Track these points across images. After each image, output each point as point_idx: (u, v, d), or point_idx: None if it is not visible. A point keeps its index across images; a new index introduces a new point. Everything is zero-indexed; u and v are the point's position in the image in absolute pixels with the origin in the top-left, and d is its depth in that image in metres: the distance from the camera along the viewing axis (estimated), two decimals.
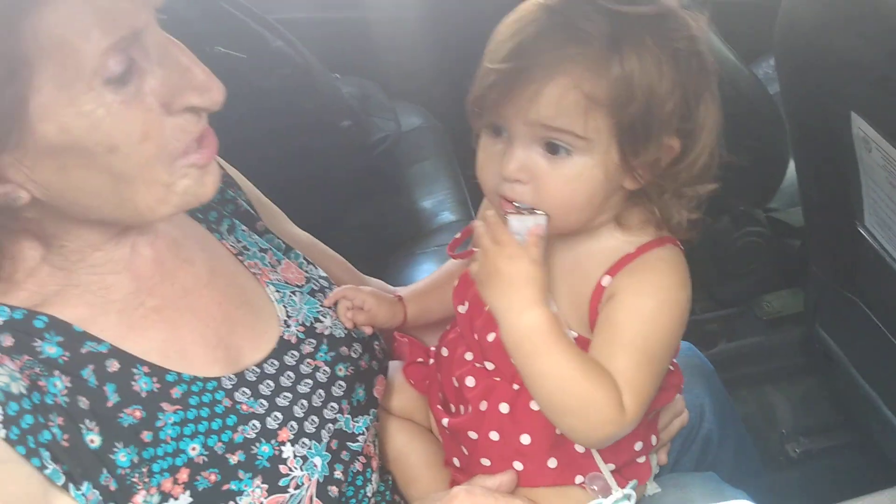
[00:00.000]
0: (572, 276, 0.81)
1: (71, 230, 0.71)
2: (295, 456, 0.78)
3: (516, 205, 0.76)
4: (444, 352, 0.92)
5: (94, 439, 0.69)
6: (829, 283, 1.52)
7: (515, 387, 0.84)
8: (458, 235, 0.95)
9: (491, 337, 0.85)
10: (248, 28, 1.60)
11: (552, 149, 0.74)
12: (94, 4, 0.61)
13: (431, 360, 0.96)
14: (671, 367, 0.88)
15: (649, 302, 0.77)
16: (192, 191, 0.71)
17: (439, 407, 0.92)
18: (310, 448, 0.80)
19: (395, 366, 0.99)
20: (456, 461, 0.91)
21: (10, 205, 0.65)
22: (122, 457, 0.70)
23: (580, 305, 0.80)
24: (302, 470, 0.77)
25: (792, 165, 1.53)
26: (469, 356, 0.89)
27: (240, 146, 1.01)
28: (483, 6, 1.71)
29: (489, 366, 0.86)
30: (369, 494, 0.86)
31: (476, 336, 0.87)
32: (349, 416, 0.85)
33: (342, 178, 1.60)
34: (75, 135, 0.63)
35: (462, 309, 0.90)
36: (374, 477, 0.88)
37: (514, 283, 0.74)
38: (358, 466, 0.84)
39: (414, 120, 1.93)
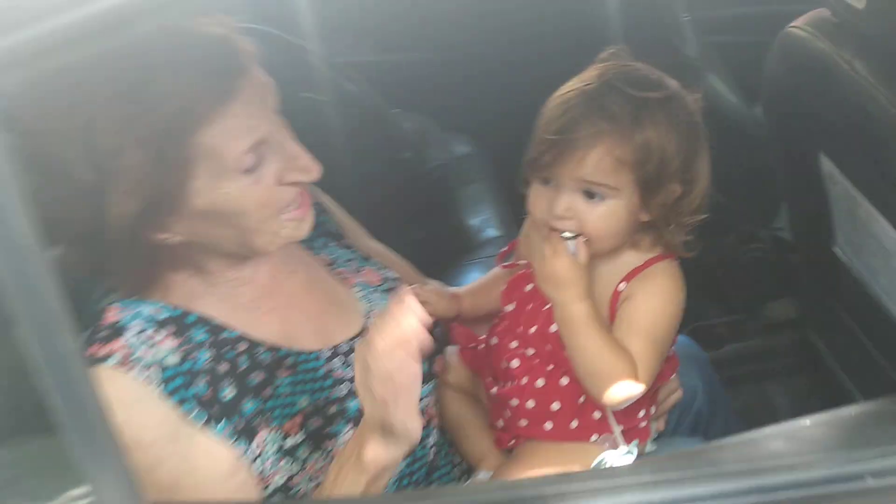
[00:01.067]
0: (597, 285, 1.08)
1: (210, 259, 1.01)
2: None
3: (563, 235, 1.05)
4: (494, 340, 1.19)
5: (229, 393, 0.98)
6: (816, 293, 1.77)
7: (550, 367, 1.11)
8: (504, 249, 1.25)
9: (532, 330, 1.12)
10: (326, 74, 1.91)
11: (590, 195, 1.03)
12: (237, 122, 0.90)
13: (482, 346, 1.24)
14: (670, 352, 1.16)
15: (656, 301, 1.06)
16: (292, 235, 1.01)
17: (490, 380, 1.21)
18: None
19: (452, 350, 1.25)
20: (500, 423, 1.18)
21: (167, 243, 0.95)
22: (249, 405, 0.98)
23: (602, 306, 1.07)
24: None
25: None
26: (514, 344, 1.15)
27: (324, 177, 1.32)
28: (520, 56, 1.99)
29: (530, 351, 1.13)
30: (430, 444, 1.14)
31: (521, 329, 1.14)
32: None
33: (404, 200, 1.90)
34: (218, 205, 0.93)
35: (509, 308, 1.17)
36: (435, 432, 1.15)
37: (569, 282, 1.03)
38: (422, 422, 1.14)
39: (463, 148, 2.20)
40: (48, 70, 0.61)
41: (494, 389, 1.17)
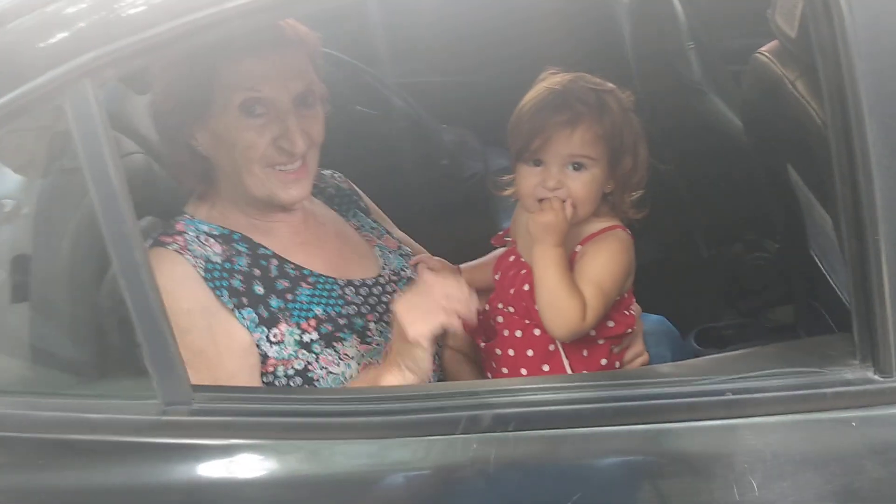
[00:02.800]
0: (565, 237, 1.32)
1: (238, 193, 1.33)
2: (376, 329, 1.33)
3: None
4: (487, 307, 1.46)
5: (259, 290, 1.28)
6: (806, 297, 1.94)
7: (526, 321, 1.35)
8: (500, 233, 1.51)
9: (511, 291, 1.38)
10: (378, 91, 2.21)
11: (576, 167, 1.29)
12: (253, 73, 1.24)
13: (479, 314, 1.50)
14: (627, 313, 1.39)
15: (604, 257, 1.31)
16: (276, 191, 1.30)
17: (481, 339, 1.46)
18: (386, 328, 1.34)
19: None
20: (489, 375, 1.44)
21: (198, 150, 1.30)
22: (274, 302, 1.28)
23: None
24: (380, 337, 1.33)
25: None
26: (500, 305, 1.41)
27: (367, 175, 1.62)
28: None
29: (510, 309, 1.38)
30: None
31: (504, 292, 1.41)
32: None
33: (440, 201, 2.17)
34: (222, 131, 1.26)
35: (497, 276, 1.44)
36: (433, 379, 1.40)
37: (552, 229, 1.27)
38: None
39: (503, 161, 2.48)
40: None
41: (483, 344, 1.43)
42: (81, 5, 0.92)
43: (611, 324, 1.34)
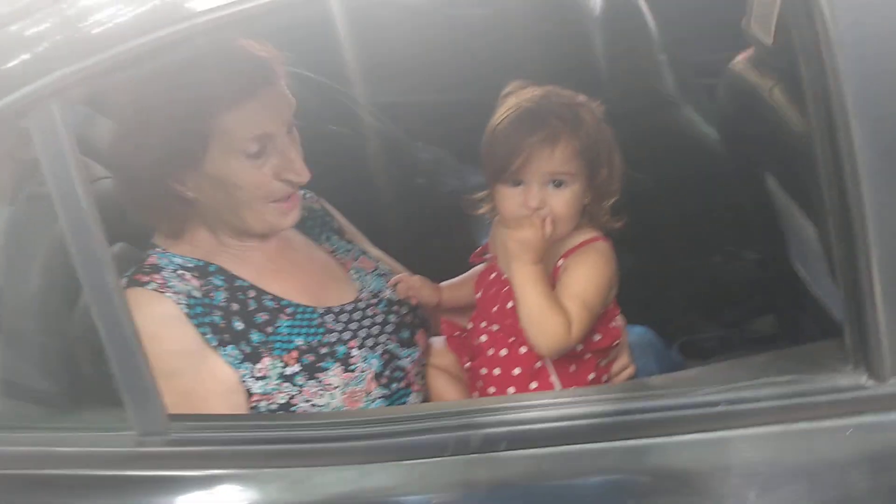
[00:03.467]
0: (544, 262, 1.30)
1: (221, 226, 1.30)
2: (360, 356, 1.30)
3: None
4: (470, 325, 1.44)
5: (239, 325, 1.24)
6: (787, 307, 1.95)
7: (511, 339, 1.33)
8: (478, 250, 1.49)
9: (495, 308, 1.35)
10: (351, 110, 2.19)
11: (556, 184, 1.26)
12: (251, 115, 1.20)
13: (463, 334, 1.47)
14: (612, 325, 1.37)
15: (587, 271, 1.28)
16: (277, 221, 1.29)
17: (466, 358, 1.43)
18: (369, 353, 1.31)
19: (440, 339, 1.48)
20: (475, 394, 1.41)
21: (184, 196, 1.24)
22: (255, 336, 1.24)
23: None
24: (364, 363, 1.29)
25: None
26: (483, 324, 1.38)
27: (342, 194, 1.59)
28: None
29: (495, 327, 1.36)
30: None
31: (487, 310, 1.38)
32: (397, 345, 1.37)
33: (417, 219, 2.15)
34: (222, 175, 1.22)
35: (479, 294, 1.42)
36: (413, 397, 1.37)
37: (531, 247, 1.24)
38: (402, 384, 1.35)
39: (479, 178, 2.45)
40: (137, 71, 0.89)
41: (468, 364, 1.40)
42: (44, 25, 0.88)
43: (597, 337, 1.32)
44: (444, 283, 1.53)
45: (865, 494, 0.95)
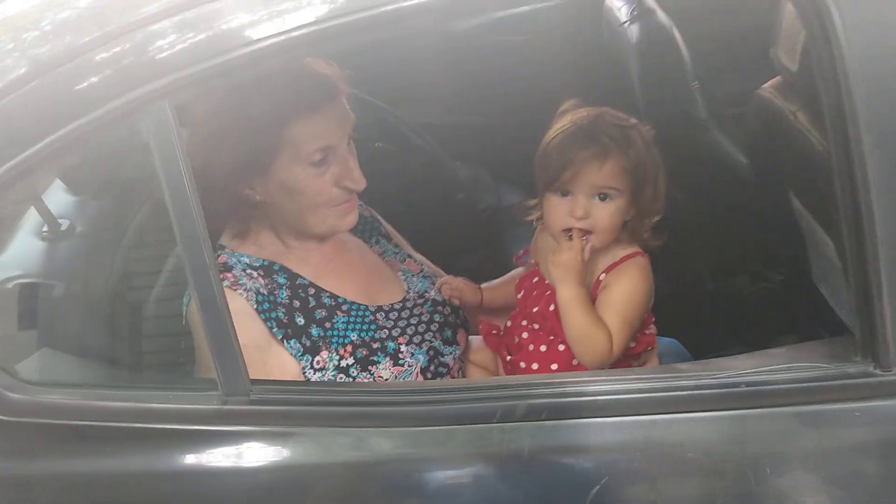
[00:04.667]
0: (586, 276, 1.41)
1: (284, 229, 1.42)
2: (407, 351, 1.41)
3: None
4: (509, 323, 1.55)
5: (300, 321, 1.36)
6: (809, 324, 2.03)
7: (550, 337, 1.44)
8: (521, 252, 1.61)
9: (535, 309, 1.47)
10: (399, 130, 2.33)
11: (602, 197, 1.38)
12: (316, 128, 1.33)
13: (501, 332, 1.59)
14: (647, 332, 1.48)
15: (627, 288, 1.39)
16: (336, 224, 1.42)
17: (505, 353, 1.55)
18: (416, 349, 1.43)
19: (478, 338, 1.59)
20: None
21: (252, 200, 1.37)
22: (314, 331, 1.37)
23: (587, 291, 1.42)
24: (411, 359, 1.41)
25: None
26: (524, 322, 1.50)
27: (387, 205, 1.72)
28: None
29: (535, 326, 1.47)
30: None
31: (528, 310, 1.49)
32: (441, 343, 1.48)
33: (455, 232, 2.28)
34: (289, 181, 1.35)
35: (520, 295, 1.53)
36: None
37: (573, 270, 1.36)
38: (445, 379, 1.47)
39: (514, 197, 2.59)
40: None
41: (509, 357, 1.51)
42: (168, 37, 1.02)
43: (632, 343, 1.42)
44: (483, 285, 1.65)
45: (872, 472, 1.05)
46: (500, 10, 2.62)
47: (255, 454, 1.06)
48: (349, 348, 1.38)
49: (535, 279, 1.51)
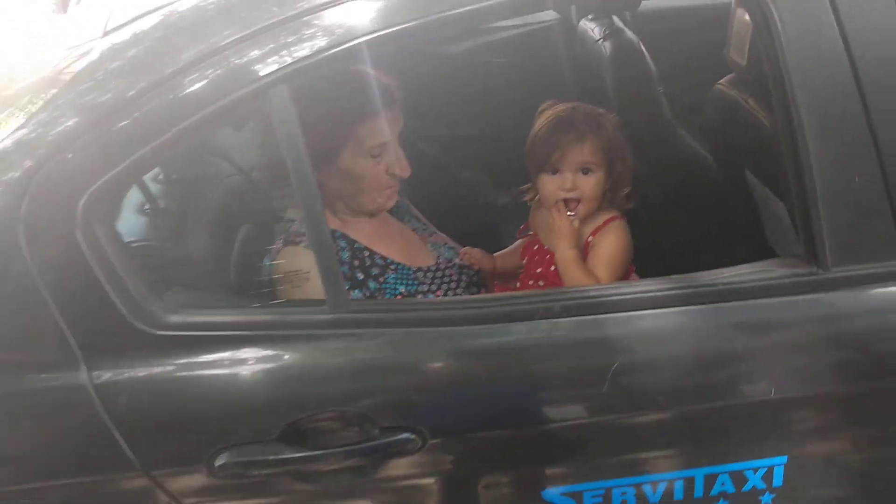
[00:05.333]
0: (577, 239, 1.77)
1: (342, 204, 1.76)
2: None
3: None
4: (518, 284, 1.90)
5: (360, 276, 1.70)
6: None
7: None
8: (522, 227, 1.97)
9: (539, 270, 1.82)
10: (409, 139, 2.69)
11: (585, 171, 1.74)
12: (376, 128, 1.67)
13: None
14: (633, 277, 1.83)
15: (611, 245, 1.76)
16: (383, 203, 1.76)
17: None
18: None
19: None
20: None
21: (322, 182, 1.64)
22: (371, 284, 1.70)
23: (579, 250, 1.77)
24: None
25: None
26: (531, 282, 1.85)
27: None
28: None
29: (541, 283, 1.82)
30: None
31: (533, 271, 1.85)
32: None
33: (462, 225, 2.62)
34: (351, 169, 1.69)
35: (524, 261, 1.89)
36: None
37: (567, 235, 1.73)
38: None
39: (506, 199, 2.93)
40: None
41: None
42: (290, 36, 1.34)
43: None
44: (496, 254, 2.01)
45: (816, 342, 1.43)
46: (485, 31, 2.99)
47: (356, 350, 1.38)
48: (399, 298, 1.71)
49: (536, 246, 1.88)
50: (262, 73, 1.30)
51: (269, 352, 1.36)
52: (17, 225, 1.27)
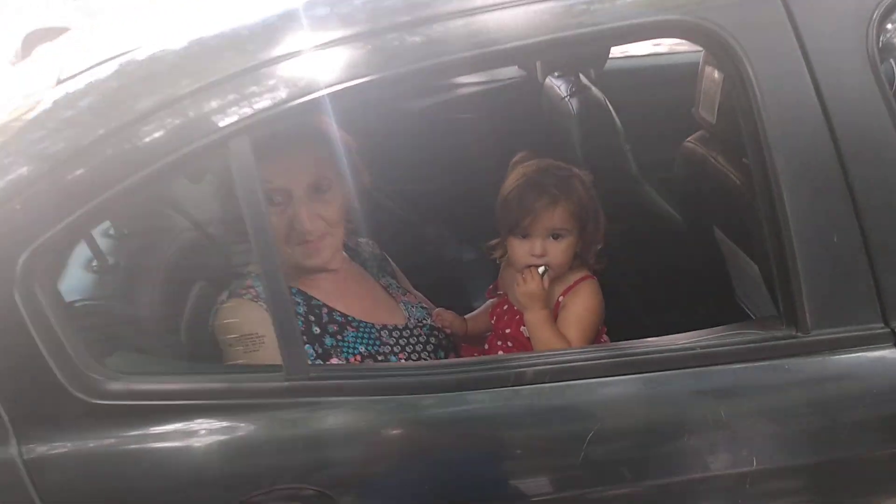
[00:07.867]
0: (547, 299, 1.70)
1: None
2: None
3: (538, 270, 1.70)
4: (486, 346, 1.83)
5: (316, 330, 1.61)
6: None
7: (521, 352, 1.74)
8: (491, 287, 1.91)
9: (508, 330, 1.76)
10: (372, 195, 2.63)
11: (555, 237, 1.69)
12: (277, 171, 1.57)
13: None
14: (602, 340, 1.77)
15: (582, 306, 1.70)
16: (300, 261, 1.66)
17: None
18: None
19: None
20: None
21: None
22: (327, 341, 1.62)
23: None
24: None
25: None
26: (499, 342, 1.79)
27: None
28: None
29: (509, 344, 1.76)
30: None
31: (501, 331, 1.78)
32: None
33: (428, 281, 2.56)
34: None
35: (493, 321, 1.82)
36: None
37: (537, 297, 1.66)
38: None
39: (470, 255, 2.88)
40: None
41: None
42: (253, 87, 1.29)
43: None
44: (468, 316, 1.94)
45: (798, 407, 1.37)
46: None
47: (316, 421, 1.29)
48: (357, 358, 1.63)
49: (506, 307, 1.81)
50: (221, 125, 1.24)
51: (220, 423, 1.27)
52: None
